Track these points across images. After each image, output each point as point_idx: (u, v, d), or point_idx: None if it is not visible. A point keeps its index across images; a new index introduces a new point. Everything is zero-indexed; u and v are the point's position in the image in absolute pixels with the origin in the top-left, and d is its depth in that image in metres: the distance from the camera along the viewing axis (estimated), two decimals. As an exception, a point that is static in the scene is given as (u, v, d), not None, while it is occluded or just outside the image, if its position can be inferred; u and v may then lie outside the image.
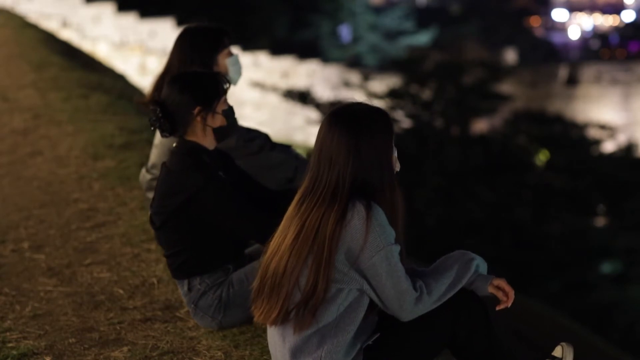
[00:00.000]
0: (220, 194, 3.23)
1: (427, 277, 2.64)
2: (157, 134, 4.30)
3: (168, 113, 3.32)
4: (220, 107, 3.38)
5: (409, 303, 2.56)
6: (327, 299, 2.53)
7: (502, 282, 2.68)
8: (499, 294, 2.68)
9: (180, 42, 4.17)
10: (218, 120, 3.37)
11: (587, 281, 18.32)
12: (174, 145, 3.39)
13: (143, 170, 4.38)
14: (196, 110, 3.32)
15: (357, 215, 2.50)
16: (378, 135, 2.59)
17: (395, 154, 2.67)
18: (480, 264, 2.71)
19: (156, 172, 4.21)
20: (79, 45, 15.25)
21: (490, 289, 2.68)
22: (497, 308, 2.69)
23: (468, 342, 2.64)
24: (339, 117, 2.60)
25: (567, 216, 19.51)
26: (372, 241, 2.49)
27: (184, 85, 3.35)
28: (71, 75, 9.43)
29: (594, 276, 18.73)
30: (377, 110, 2.63)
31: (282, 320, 2.59)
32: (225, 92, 3.40)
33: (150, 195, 4.22)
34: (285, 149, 4.35)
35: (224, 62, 4.12)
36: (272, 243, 2.63)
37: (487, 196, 19.16)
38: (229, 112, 3.42)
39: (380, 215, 2.52)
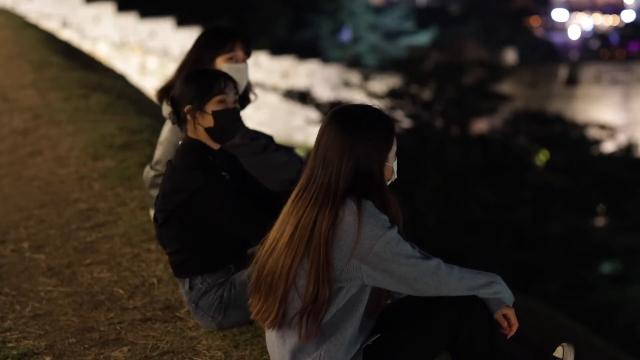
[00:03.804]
0: (220, 194, 3.21)
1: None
2: (164, 131, 4.30)
3: (174, 107, 3.36)
4: (210, 108, 3.32)
5: (424, 273, 2.52)
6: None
7: (510, 313, 2.65)
8: (504, 324, 2.66)
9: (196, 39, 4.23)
10: (207, 121, 3.32)
11: (587, 281, 18.31)
12: (180, 143, 3.39)
13: (147, 168, 4.37)
14: (186, 108, 3.33)
15: (348, 212, 2.47)
16: (374, 141, 2.53)
17: (395, 163, 2.62)
18: (504, 292, 2.65)
19: (160, 168, 4.20)
20: (79, 45, 15.24)
21: (497, 317, 2.64)
22: None
23: (469, 343, 2.63)
24: (338, 116, 2.56)
25: (567, 216, 19.50)
26: (369, 232, 2.47)
27: (183, 81, 3.37)
28: (71, 75, 9.42)
29: (594, 276, 18.72)
30: (380, 115, 2.57)
31: (279, 325, 2.57)
32: (219, 92, 3.32)
33: (153, 192, 4.21)
34: (289, 151, 4.34)
35: (222, 66, 4.05)
36: (269, 237, 2.61)
37: (487, 196, 19.15)
38: (229, 114, 3.35)
39: (370, 206, 2.49)
